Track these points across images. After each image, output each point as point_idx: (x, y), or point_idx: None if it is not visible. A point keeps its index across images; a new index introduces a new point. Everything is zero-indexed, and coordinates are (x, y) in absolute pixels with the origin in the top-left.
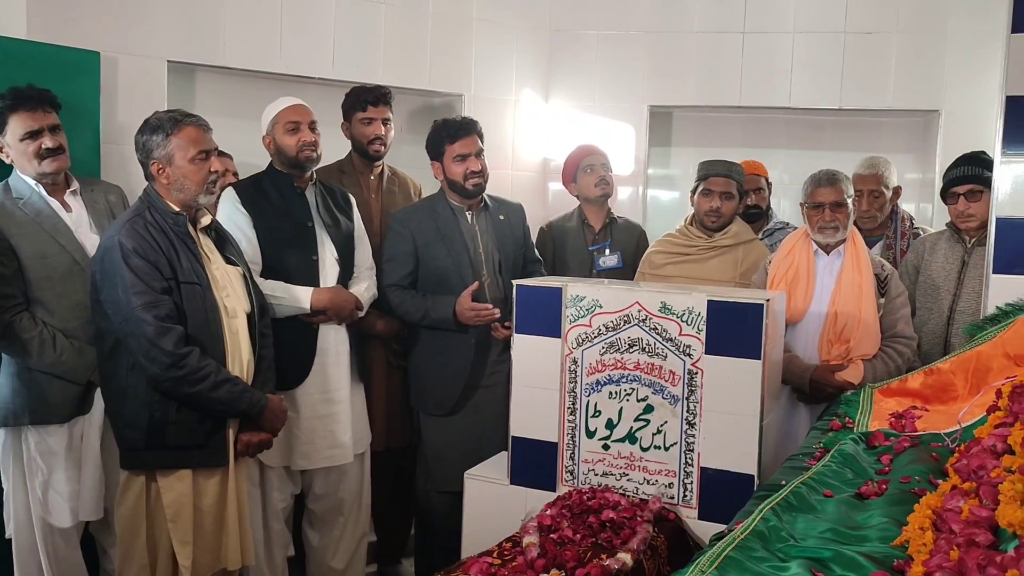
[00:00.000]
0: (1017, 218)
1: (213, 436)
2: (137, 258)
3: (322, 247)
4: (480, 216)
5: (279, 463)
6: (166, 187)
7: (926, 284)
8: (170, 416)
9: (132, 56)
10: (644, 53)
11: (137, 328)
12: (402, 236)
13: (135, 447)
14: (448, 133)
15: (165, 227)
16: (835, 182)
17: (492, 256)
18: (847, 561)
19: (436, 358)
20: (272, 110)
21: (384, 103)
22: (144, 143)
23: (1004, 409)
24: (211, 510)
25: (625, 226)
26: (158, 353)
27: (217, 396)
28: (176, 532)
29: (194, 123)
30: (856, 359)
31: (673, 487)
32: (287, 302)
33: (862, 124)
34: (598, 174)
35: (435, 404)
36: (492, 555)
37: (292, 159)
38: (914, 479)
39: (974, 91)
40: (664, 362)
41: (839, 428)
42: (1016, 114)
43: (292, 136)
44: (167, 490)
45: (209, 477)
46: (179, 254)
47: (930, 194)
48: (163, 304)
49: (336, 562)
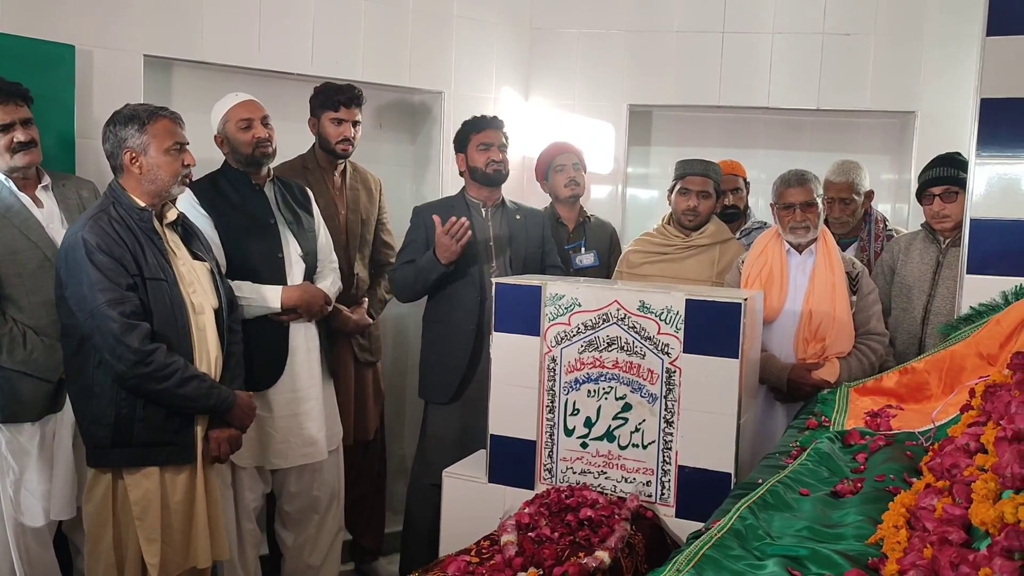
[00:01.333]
0: (991, 219)
1: (181, 433)
2: (101, 254)
3: (287, 244)
4: (496, 212)
5: (251, 463)
6: (137, 178)
7: (901, 284)
8: (137, 413)
9: (108, 50)
10: (624, 52)
11: (102, 325)
12: (416, 226)
13: (101, 444)
14: (475, 124)
15: (130, 223)
16: (804, 182)
17: (504, 250)
18: (823, 559)
19: (438, 347)
20: (221, 108)
21: (356, 105)
22: (116, 133)
23: (977, 408)
24: (180, 507)
25: (597, 224)
26: (124, 350)
27: (184, 393)
28: (143, 530)
29: (168, 116)
30: (832, 357)
31: (651, 485)
32: (256, 302)
33: (839, 125)
34: (568, 174)
35: (438, 392)
36: (470, 553)
37: (248, 156)
38: (889, 477)
39: (950, 93)
40: (642, 361)
41: (815, 427)
42: (991, 116)
43: (245, 133)
44: (134, 487)
45: (177, 474)
46: (144, 250)
47: (906, 195)
48: (128, 301)
49: (313, 559)
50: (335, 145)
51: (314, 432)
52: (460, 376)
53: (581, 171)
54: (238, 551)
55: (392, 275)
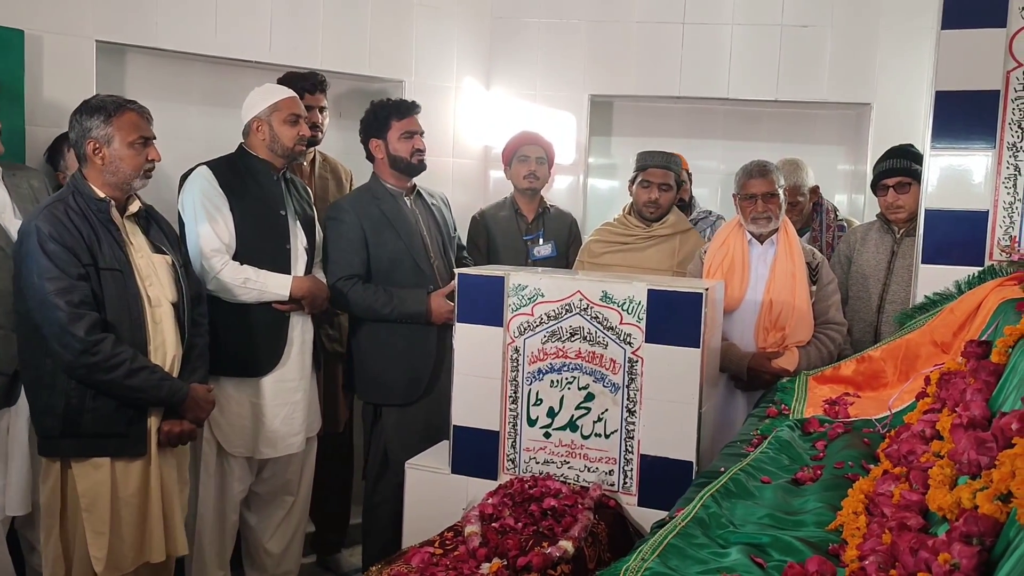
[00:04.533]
0: (945, 210)
1: (133, 425)
2: (53, 243)
3: (294, 236)
4: (417, 200)
5: (244, 453)
6: (99, 169)
7: (857, 274)
8: (86, 403)
9: (59, 35)
10: (585, 42)
11: (50, 314)
12: (349, 225)
13: (51, 434)
14: (396, 110)
15: (87, 212)
16: (766, 173)
17: (436, 239)
18: (784, 546)
19: (397, 349)
20: (271, 96)
21: (320, 91)
22: (82, 122)
23: (932, 395)
24: (133, 500)
25: (557, 215)
26: (70, 339)
27: (133, 384)
28: (91, 522)
29: (136, 109)
30: (791, 346)
31: (613, 474)
32: (262, 287)
33: (797, 116)
34: (530, 166)
35: (401, 394)
36: (434, 545)
37: (288, 149)
38: (847, 464)
39: (905, 85)
40: (605, 350)
41: (775, 415)
42: (945, 108)
43: (293, 128)
44: (82, 478)
45: (129, 466)
46: (100, 240)
47: (862, 185)
48: (78, 290)
49: (272, 545)
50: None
51: (300, 422)
52: (429, 373)
53: (544, 166)
54: (218, 541)
55: (346, 291)
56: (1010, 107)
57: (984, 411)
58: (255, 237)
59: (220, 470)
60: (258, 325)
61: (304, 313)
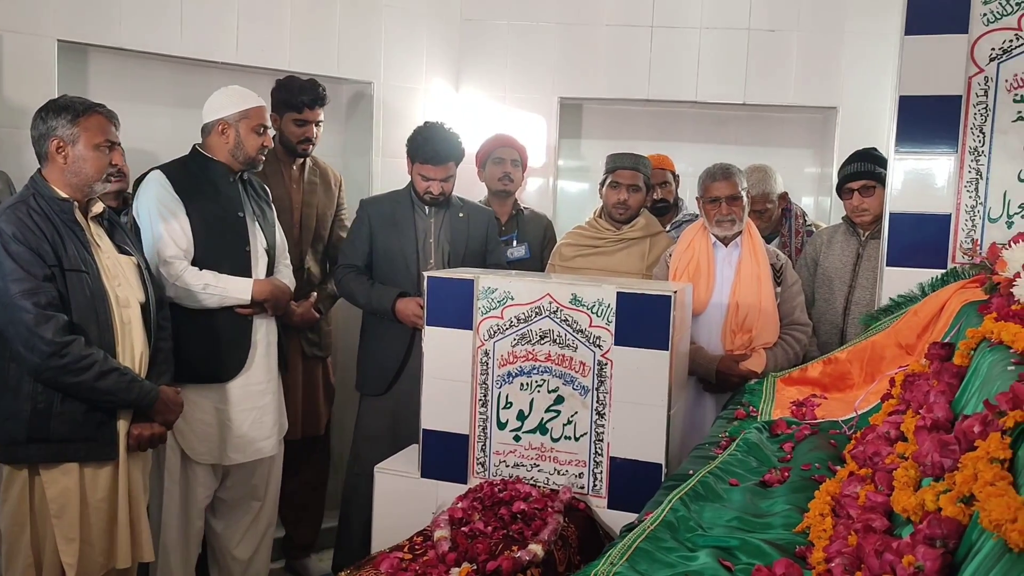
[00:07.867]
0: (909, 212)
1: (102, 429)
2: (17, 244)
3: (254, 238)
4: (439, 211)
5: (209, 460)
6: (61, 168)
7: (823, 276)
8: (54, 408)
9: (19, 34)
10: (555, 44)
11: (15, 316)
12: (361, 220)
13: (16, 440)
14: (418, 155)
15: (50, 213)
16: (729, 176)
17: (442, 248)
18: (752, 549)
19: (376, 340)
20: (242, 102)
21: (320, 105)
22: (46, 120)
23: (897, 397)
24: (102, 506)
25: (532, 217)
26: (38, 342)
27: (102, 386)
28: (61, 528)
29: (104, 113)
30: (758, 348)
31: (583, 477)
32: (223, 292)
33: (764, 119)
34: (504, 168)
35: (372, 384)
36: (403, 550)
37: (250, 158)
38: (814, 466)
39: (870, 89)
40: (575, 353)
41: (744, 417)
42: (909, 112)
43: (259, 138)
44: (51, 484)
45: (98, 471)
46: (65, 241)
47: (828, 188)
48: (44, 291)
49: (240, 551)
50: (296, 144)
51: (269, 426)
52: (396, 369)
53: (519, 168)
54: (182, 548)
55: (338, 277)
56: (972, 112)
57: (947, 413)
58: (213, 241)
59: (184, 477)
60: (221, 330)
61: (268, 316)
